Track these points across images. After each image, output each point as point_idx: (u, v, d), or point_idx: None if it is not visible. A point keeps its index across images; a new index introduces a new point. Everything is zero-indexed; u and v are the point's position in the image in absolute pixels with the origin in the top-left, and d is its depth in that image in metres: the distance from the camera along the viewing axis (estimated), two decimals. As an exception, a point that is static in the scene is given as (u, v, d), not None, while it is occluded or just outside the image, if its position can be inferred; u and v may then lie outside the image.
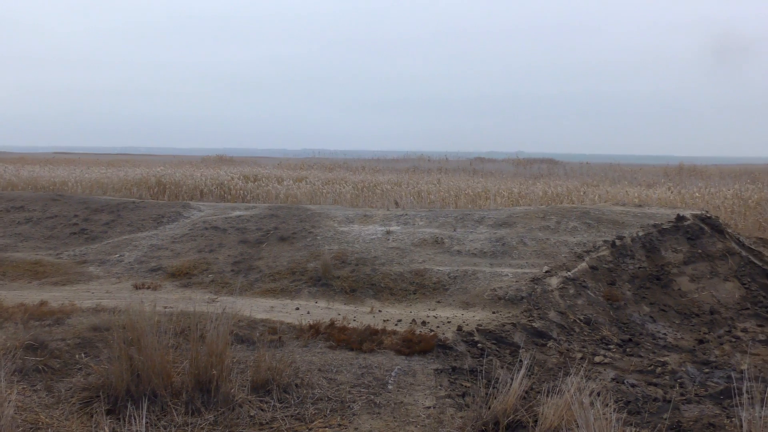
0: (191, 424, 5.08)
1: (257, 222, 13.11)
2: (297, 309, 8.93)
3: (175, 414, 5.16)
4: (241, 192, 23.82)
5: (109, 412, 5.07)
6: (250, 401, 5.51)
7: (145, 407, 4.88)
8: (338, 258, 10.83)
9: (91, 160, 51.31)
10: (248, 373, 5.89)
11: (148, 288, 10.18)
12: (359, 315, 8.65)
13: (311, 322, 7.72)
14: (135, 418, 4.79)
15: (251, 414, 5.36)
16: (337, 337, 7.27)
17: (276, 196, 22.99)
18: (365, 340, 7.21)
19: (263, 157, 66.00)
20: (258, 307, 8.81)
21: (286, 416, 5.41)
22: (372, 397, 5.91)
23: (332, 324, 7.71)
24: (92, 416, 5.04)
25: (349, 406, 5.68)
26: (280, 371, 5.84)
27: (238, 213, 14.12)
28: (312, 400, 5.73)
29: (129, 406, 5.04)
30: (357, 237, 11.94)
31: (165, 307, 8.14)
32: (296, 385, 5.90)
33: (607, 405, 4.97)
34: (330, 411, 5.57)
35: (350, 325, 7.78)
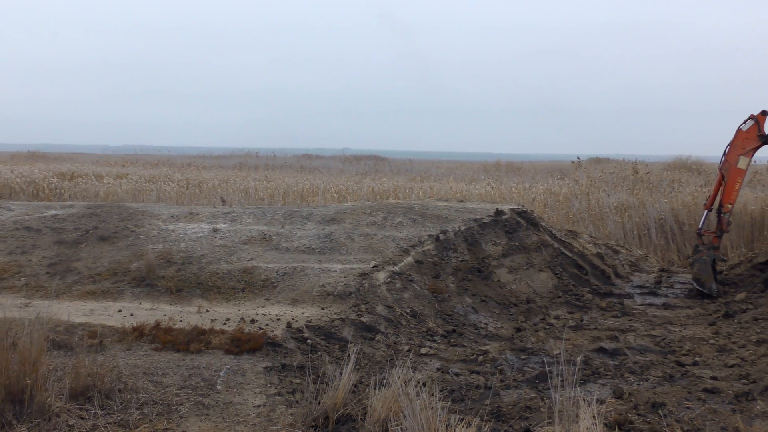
0: (3, 437, 4.77)
1: (75, 221, 12.44)
2: (120, 311, 8.58)
3: (-16, 428, 4.82)
4: (57, 190, 22.51)
5: None
6: (68, 410, 5.23)
7: (-51, 423, 4.53)
8: (163, 257, 10.49)
9: None
10: (66, 380, 5.59)
11: (-48, 294, 9.42)
12: (186, 315, 8.44)
13: (135, 324, 7.44)
14: (-63, 436, 4.43)
15: (70, 423, 5.10)
16: (163, 338, 7.06)
17: (95, 195, 21.93)
18: (192, 341, 7.05)
19: (81, 153, 62.93)
20: (77, 311, 8.39)
21: (108, 423, 5.19)
22: (200, 398, 5.79)
23: (157, 325, 7.48)
24: None
25: (176, 409, 5.54)
26: (101, 377, 5.59)
27: (53, 212, 13.33)
28: (137, 404, 5.53)
29: (-71, 422, 4.65)
30: (183, 235, 11.62)
31: (-29, 314, 7.58)
32: (119, 390, 5.67)
33: (432, 395, 5.13)
34: (156, 415, 5.40)
35: (177, 326, 7.57)
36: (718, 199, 11.69)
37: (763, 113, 11.29)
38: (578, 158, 35.70)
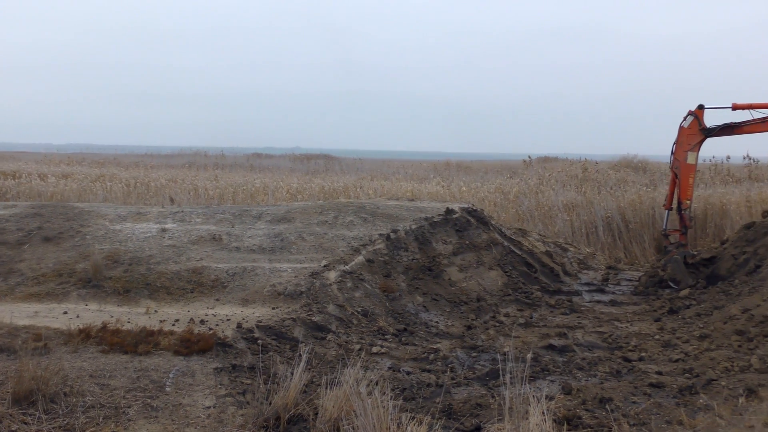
0: (-58, 444, 4.64)
1: (18, 221, 12.14)
2: (65, 313, 8.41)
3: None
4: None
5: None
6: (11, 415, 5.11)
7: None
8: (110, 258, 10.31)
9: None
10: (9, 384, 5.46)
11: None
12: (134, 316, 8.30)
13: (81, 326, 7.30)
14: None
15: (13, 429, 4.98)
16: (110, 340, 6.94)
17: (39, 194, 21.44)
18: (141, 342, 6.94)
19: (24, 152, 61.52)
20: (20, 313, 8.19)
21: (53, 428, 5.08)
22: (149, 400, 5.71)
23: (105, 327, 7.35)
24: None
25: (124, 412, 5.45)
26: (46, 380, 5.47)
27: (-5, 212, 13.01)
28: (83, 408, 5.42)
29: None
30: (130, 236, 11.43)
31: None
32: (65, 394, 5.56)
33: (384, 393, 5.14)
34: (103, 418, 5.31)
35: (124, 328, 7.45)
36: (676, 197, 11.97)
37: (701, 107, 11.61)
38: (529, 157, 36.15)
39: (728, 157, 23.95)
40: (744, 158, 23.77)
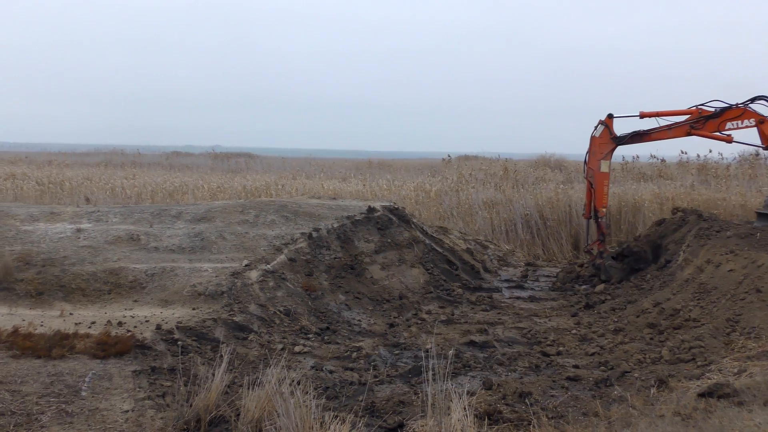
0: None
1: None
2: (-27, 317, 8.09)
3: None
4: None
5: None
6: None
7: None
8: (22, 259, 9.95)
9: None
10: None
11: None
12: (48, 319, 8.04)
13: (-9, 331, 7.04)
14: None
15: None
16: (22, 344, 6.71)
17: (-56, 194, 20.58)
18: (55, 346, 6.73)
19: (-73, 150, 58.91)
20: (-76, 318, 7.84)
21: (-39, 437, 4.89)
22: (63, 406, 5.54)
23: (16, 331, 7.10)
24: None
25: (36, 419, 5.27)
26: (-47, 388, 5.26)
27: None
28: (-8, 416, 5.23)
29: None
30: (43, 236, 11.07)
31: None
32: (-27, 402, 5.35)
33: (307, 393, 5.13)
34: (14, 426, 5.12)
35: (37, 331, 7.21)
36: (593, 205, 12.24)
37: (610, 117, 11.94)
38: (449, 156, 36.54)
39: (637, 157, 24.83)
40: (651, 157, 24.62)
